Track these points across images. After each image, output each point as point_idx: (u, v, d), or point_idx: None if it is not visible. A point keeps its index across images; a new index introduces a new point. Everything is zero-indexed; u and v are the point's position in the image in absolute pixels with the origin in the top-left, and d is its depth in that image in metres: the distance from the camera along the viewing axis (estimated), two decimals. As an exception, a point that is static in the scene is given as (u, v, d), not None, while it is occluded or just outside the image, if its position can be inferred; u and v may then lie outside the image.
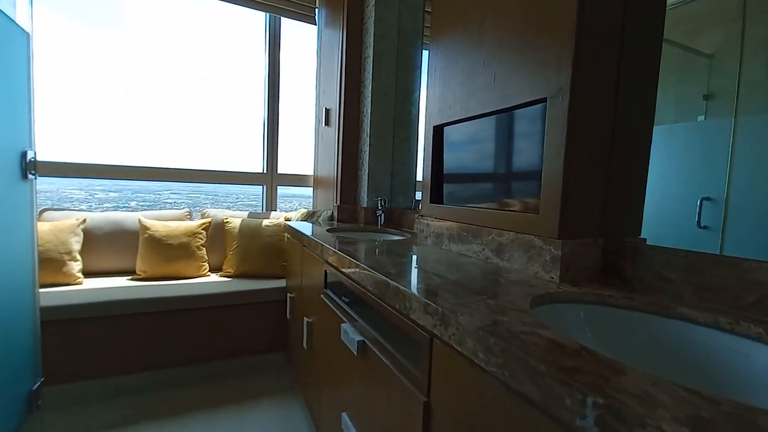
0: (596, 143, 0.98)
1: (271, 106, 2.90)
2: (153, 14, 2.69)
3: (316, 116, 2.91)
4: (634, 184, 1.05)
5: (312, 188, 3.03)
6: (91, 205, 2.67)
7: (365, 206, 2.27)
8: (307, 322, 1.65)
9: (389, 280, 0.91)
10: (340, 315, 1.26)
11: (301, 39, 3.10)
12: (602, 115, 0.98)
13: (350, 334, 1.11)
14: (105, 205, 2.70)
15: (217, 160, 2.89)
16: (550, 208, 0.97)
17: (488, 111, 1.21)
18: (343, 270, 1.24)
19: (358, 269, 1.10)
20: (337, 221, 2.39)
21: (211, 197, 3.06)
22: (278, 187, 3.00)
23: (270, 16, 2.78)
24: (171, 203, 2.88)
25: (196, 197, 2.99)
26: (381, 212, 2.07)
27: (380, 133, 2.25)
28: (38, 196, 2.75)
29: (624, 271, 0.97)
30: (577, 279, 0.96)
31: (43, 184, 2.54)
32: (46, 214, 2.28)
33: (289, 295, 2.08)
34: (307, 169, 3.06)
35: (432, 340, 0.74)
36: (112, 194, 2.76)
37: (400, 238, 1.79)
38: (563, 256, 0.94)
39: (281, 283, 2.29)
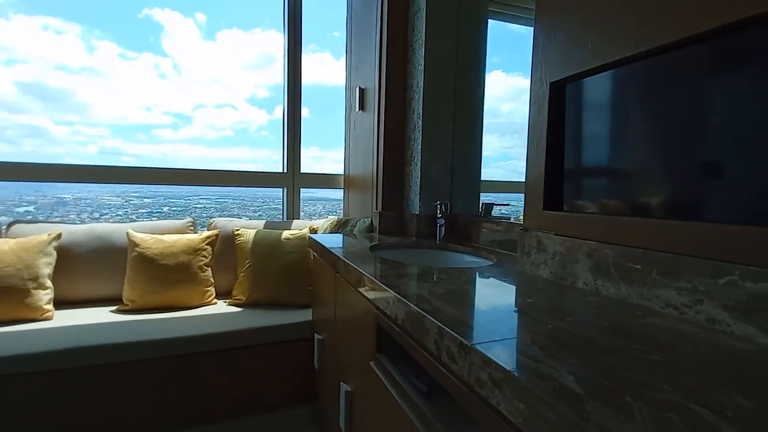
0: None
1: (291, 92, 2.38)
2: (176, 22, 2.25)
3: (346, 101, 2.37)
4: None
5: (343, 191, 2.49)
6: (127, 211, 2.41)
7: (417, 213, 1.69)
8: (346, 392, 1.09)
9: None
10: (411, 419, 0.69)
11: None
12: None
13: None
14: (140, 211, 2.44)
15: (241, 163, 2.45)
16: None
17: (694, 33, 0.62)
18: (417, 337, 0.66)
19: (458, 354, 0.53)
20: (379, 233, 1.82)
21: (238, 202, 2.72)
22: (301, 189, 2.47)
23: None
24: (200, 208, 2.58)
25: (224, 202, 2.67)
26: (443, 221, 1.49)
27: (436, 116, 1.67)
28: (78, 203, 2.49)
29: None
30: None
31: (82, 191, 2.34)
32: (15, 228, 1.82)
33: (317, 336, 1.53)
34: (336, 167, 2.53)
35: None
36: (146, 200, 2.48)
37: (484, 262, 1.21)
38: None
39: (306, 314, 1.74)
